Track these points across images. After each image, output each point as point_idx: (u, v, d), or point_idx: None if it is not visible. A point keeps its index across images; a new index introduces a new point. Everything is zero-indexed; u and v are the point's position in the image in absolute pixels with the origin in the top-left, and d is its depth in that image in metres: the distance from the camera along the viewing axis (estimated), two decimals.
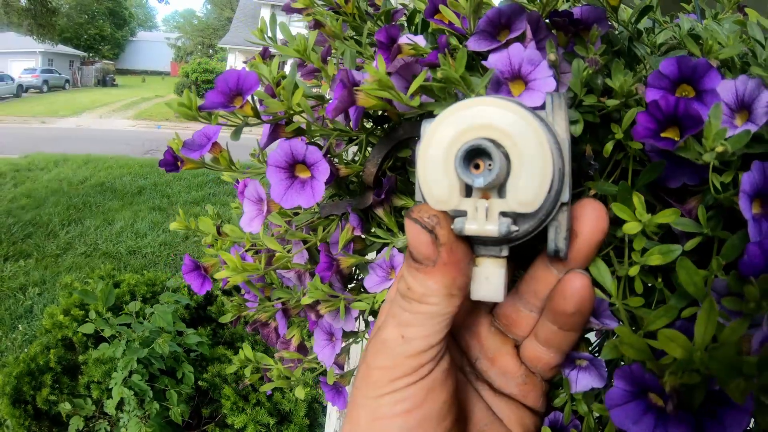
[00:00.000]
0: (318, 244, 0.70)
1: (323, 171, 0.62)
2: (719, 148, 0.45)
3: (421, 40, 0.63)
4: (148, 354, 3.26)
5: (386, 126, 0.67)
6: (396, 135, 0.63)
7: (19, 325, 5.46)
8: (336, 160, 0.70)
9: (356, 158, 0.72)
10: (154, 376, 3.37)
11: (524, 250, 0.46)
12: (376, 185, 0.66)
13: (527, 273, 0.49)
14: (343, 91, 0.56)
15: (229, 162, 0.74)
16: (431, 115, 0.59)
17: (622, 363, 0.60)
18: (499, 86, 0.55)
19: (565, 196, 0.41)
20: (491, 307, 0.52)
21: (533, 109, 0.41)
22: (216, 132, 0.68)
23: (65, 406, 3.38)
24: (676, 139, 0.48)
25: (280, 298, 0.81)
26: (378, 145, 0.64)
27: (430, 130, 0.42)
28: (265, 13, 30.97)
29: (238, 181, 0.78)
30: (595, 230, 0.44)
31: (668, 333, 0.39)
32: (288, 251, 0.73)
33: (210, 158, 0.73)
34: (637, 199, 0.49)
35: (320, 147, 0.65)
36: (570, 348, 0.50)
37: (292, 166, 0.63)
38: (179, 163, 0.72)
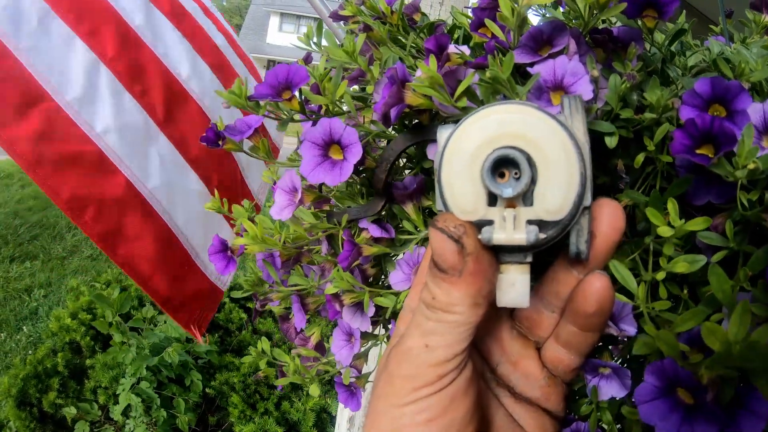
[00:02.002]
0: (341, 233, 0.72)
1: (356, 153, 0.63)
2: (751, 166, 0.47)
3: (466, 50, 0.65)
4: (158, 362, 3.26)
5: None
6: (405, 140, 0.64)
7: (24, 327, 5.41)
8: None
9: None
10: (161, 383, 3.37)
11: (541, 254, 0.45)
12: (385, 191, 0.68)
13: (547, 275, 0.49)
14: (393, 87, 0.58)
15: (267, 151, 0.76)
16: (444, 121, 0.60)
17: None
18: (540, 93, 0.57)
19: (588, 200, 0.41)
20: (511, 311, 0.52)
21: (552, 113, 0.41)
22: (258, 121, 0.70)
23: (70, 411, 3.38)
24: (710, 155, 0.50)
25: (296, 285, 0.81)
26: (387, 151, 0.65)
27: (453, 140, 0.42)
28: (275, 21, 30.99)
29: (275, 183, 0.80)
30: (612, 230, 0.44)
31: (709, 326, 0.40)
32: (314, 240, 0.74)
33: (250, 146, 0.76)
34: (672, 206, 0.51)
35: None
36: (590, 350, 0.50)
37: (328, 144, 0.65)
38: (220, 141, 0.75)
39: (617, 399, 0.59)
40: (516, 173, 0.40)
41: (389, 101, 0.58)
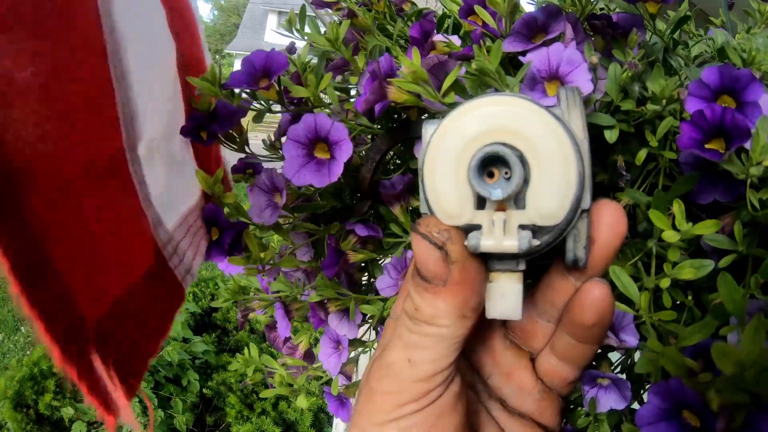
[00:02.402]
0: (326, 237, 0.69)
1: (346, 151, 0.59)
2: (766, 162, 0.44)
3: (455, 39, 0.61)
4: (156, 362, 3.26)
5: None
6: (390, 137, 0.62)
7: (22, 328, 5.44)
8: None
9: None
10: (158, 383, 3.37)
11: (537, 258, 0.42)
12: (371, 191, 0.65)
13: (543, 281, 0.46)
14: (374, 83, 0.55)
15: (244, 142, 0.72)
16: (432, 116, 0.57)
17: (647, 384, 0.59)
18: (534, 84, 0.54)
19: (586, 203, 0.38)
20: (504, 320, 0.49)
21: (547, 106, 0.38)
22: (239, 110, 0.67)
23: (68, 411, 3.38)
24: (720, 150, 0.46)
25: (278, 292, 0.78)
26: (372, 149, 0.62)
27: (437, 136, 0.39)
28: (272, 19, 31.24)
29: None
30: (613, 235, 0.40)
31: (721, 347, 0.37)
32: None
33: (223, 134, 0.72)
34: (678, 208, 0.47)
35: None
36: (588, 362, 0.47)
37: (313, 143, 0.61)
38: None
39: (616, 411, 0.56)
40: (506, 173, 0.37)
41: (370, 98, 0.55)
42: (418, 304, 0.40)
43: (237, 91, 0.66)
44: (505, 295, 0.40)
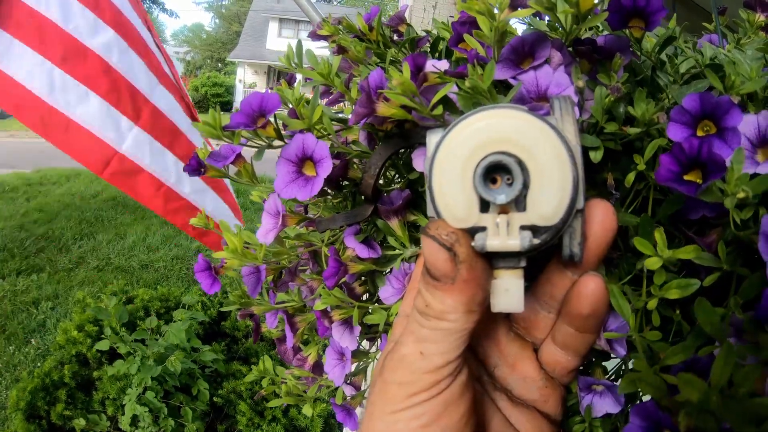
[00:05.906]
0: (326, 249, 0.71)
1: (326, 168, 0.62)
2: (740, 194, 0.45)
3: (444, 65, 0.63)
4: (162, 371, 3.27)
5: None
6: (392, 144, 0.63)
7: (32, 339, 5.42)
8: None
9: None
10: (168, 392, 3.37)
11: (535, 255, 0.45)
12: (374, 197, 0.67)
13: (542, 276, 0.49)
14: (362, 96, 0.56)
15: (251, 175, 0.75)
16: (436, 126, 0.59)
17: (641, 395, 0.60)
18: (523, 104, 0.55)
19: (580, 203, 0.41)
20: (508, 313, 0.52)
21: (543, 116, 0.41)
22: (240, 147, 0.70)
23: (80, 422, 3.37)
24: (698, 181, 0.48)
25: (283, 302, 0.81)
26: (374, 155, 0.63)
27: (443, 146, 0.42)
28: (273, 27, 31.31)
29: (265, 201, 0.79)
30: (605, 231, 0.43)
31: (686, 376, 0.39)
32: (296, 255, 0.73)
33: (234, 171, 0.75)
34: (659, 235, 0.49)
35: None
36: (587, 350, 0.50)
37: (302, 161, 0.64)
38: (202, 169, 0.74)
39: (610, 417, 0.58)
40: (508, 179, 0.40)
41: (359, 110, 0.57)
42: (428, 301, 0.43)
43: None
44: (508, 290, 0.43)
